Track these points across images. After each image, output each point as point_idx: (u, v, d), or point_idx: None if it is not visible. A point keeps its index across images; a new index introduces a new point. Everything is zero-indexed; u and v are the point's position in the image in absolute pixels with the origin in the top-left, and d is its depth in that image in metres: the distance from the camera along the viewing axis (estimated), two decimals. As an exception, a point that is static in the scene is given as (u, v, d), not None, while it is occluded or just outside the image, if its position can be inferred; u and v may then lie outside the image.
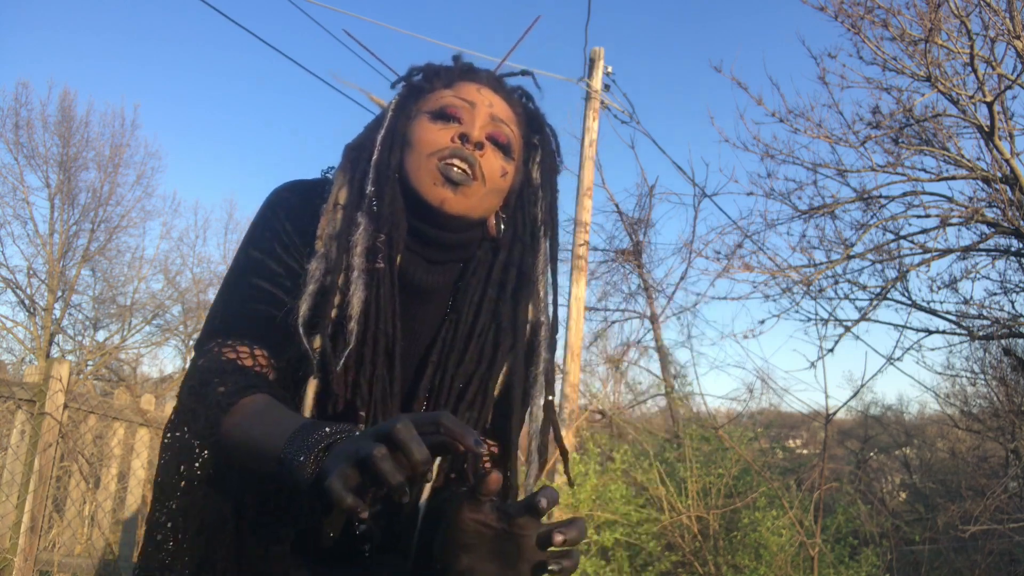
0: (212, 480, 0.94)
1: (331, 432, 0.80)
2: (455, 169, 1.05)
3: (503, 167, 1.11)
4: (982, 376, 8.38)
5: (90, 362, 13.78)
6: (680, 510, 5.46)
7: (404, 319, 1.08)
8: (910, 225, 6.69)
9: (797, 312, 6.94)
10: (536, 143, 1.20)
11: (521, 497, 1.04)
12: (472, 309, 1.11)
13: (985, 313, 6.48)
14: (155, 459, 4.82)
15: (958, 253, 6.45)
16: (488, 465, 0.98)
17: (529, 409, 1.11)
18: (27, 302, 13.04)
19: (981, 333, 6.44)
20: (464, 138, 1.07)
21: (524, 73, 1.23)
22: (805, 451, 12.15)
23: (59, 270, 13.09)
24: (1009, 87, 5.61)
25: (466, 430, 0.74)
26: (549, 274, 1.21)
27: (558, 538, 0.80)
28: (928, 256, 6.47)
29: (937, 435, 11.76)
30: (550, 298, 1.21)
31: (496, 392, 1.11)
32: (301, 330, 0.98)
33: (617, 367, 8.63)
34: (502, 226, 1.16)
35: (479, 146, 1.08)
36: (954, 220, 6.29)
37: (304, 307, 0.99)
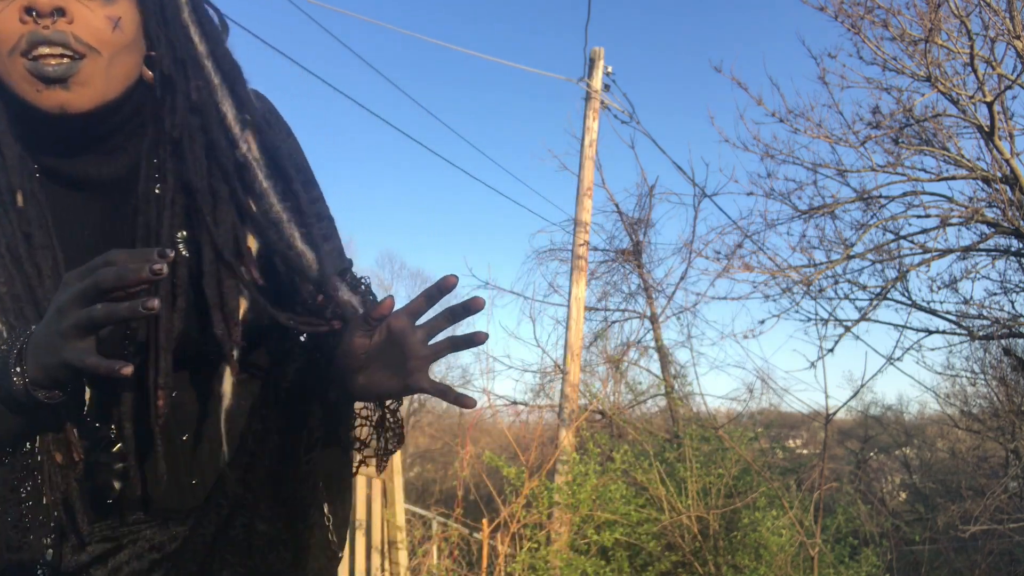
0: None
1: (12, 341, 0.77)
2: (48, 65, 0.78)
3: (110, 15, 0.82)
4: (982, 376, 8.38)
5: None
6: (680, 510, 5.46)
7: (90, 238, 0.90)
8: (910, 225, 6.70)
9: (797, 312, 6.96)
10: None
11: None
12: (173, 170, 0.88)
13: (985, 313, 6.49)
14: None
15: (958, 253, 6.46)
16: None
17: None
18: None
19: (981, 333, 6.44)
20: (33, 12, 0.77)
21: None
22: (805, 451, 12.14)
23: (59, 270, 13.09)
24: (1009, 87, 5.61)
25: (142, 254, 0.69)
26: (232, 100, 0.92)
27: (429, 331, 0.84)
28: (928, 256, 6.47)
29: (937, 435, 11.76)
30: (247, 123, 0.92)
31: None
32: None
33: (617, 367, 8.63)
34: (165, 64, 0.88)
35: (58, 12, 0.78)
36: (954, 220, 6.30)
37: None
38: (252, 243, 0.92)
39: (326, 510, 1.00)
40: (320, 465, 0.97)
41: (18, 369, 0.75)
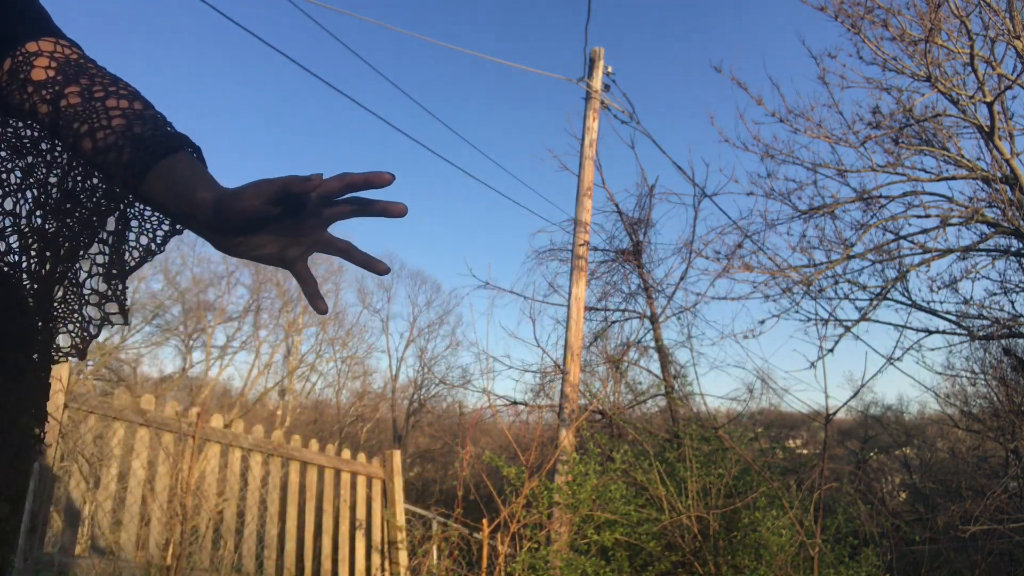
0: None
1: None
2: None
3: None
4: (982, 376, 8.39)
5: (90, 362, 13.79)
6: (680, 510, 5.45)
7: None
8: (910, 225, 6.72)
9: (797, 312, 6.97)
10: None
11: None
12: None
13: (985, 313, 6.49)
14: (155, 459, 4.83)
15: (958, 253, 6.46)
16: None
17: None
18: (27, 302, 13.03)
19: (981, 333, 6.44)
20: None
21: None
22: (805, 451, 12.16)
23: (59, 270, 13.08)
24: (1009, 87, 5.61)
25: None
26: None
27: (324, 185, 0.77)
28: (928, 256, 6.47)
29: (937, 435, 11.77)
30: None
31: None
32: None
33: (617, 367, 8.62)
34: None
35: None
36: (954, 220, 6.30)
37: None
38: None
39: None
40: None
41: None
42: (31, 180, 0.88)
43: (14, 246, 0.85)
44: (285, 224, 0.81)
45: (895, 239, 6.69)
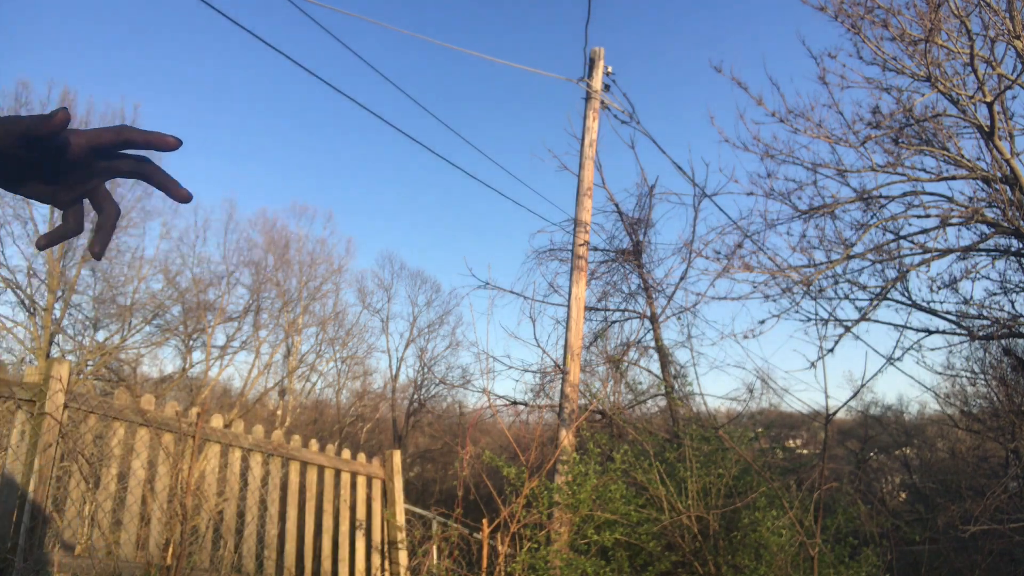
0: None
1: None
2: None
3: None
4: (982, 376, 8.40)
5: (90, 362, 13.80)
6: (680, 510, 5.45)
7: None
8: (910, 225, 6.72)
9: (797, 312, 6.96)
10: None
11: None
12: None
13: (985, 313, 6.48)
14: (155, 459, 4.83)
15: (958, 253, 6.46)
16: None
17: None
18: (27, 302, 13.07)
19: (981, 333, 6.44)
20: None
21: None
22: (805, 451, 12.16)
23: (59, 270, 13.10)
24: (1009, 87, 5.61)
25: None
26: None
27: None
28: (928, 256, 6.47)
29: (937, 435, 11.78)
30: None
31: None
32: None
33: (617, 367, 8.62)
34: None
35: None
36: (954, 220, 6.30)
37: None
38: None
39: None
40: None
41: None
42: None
43: None
44: (50, 168, 0.80)
45: (895, 239, 6.69)
